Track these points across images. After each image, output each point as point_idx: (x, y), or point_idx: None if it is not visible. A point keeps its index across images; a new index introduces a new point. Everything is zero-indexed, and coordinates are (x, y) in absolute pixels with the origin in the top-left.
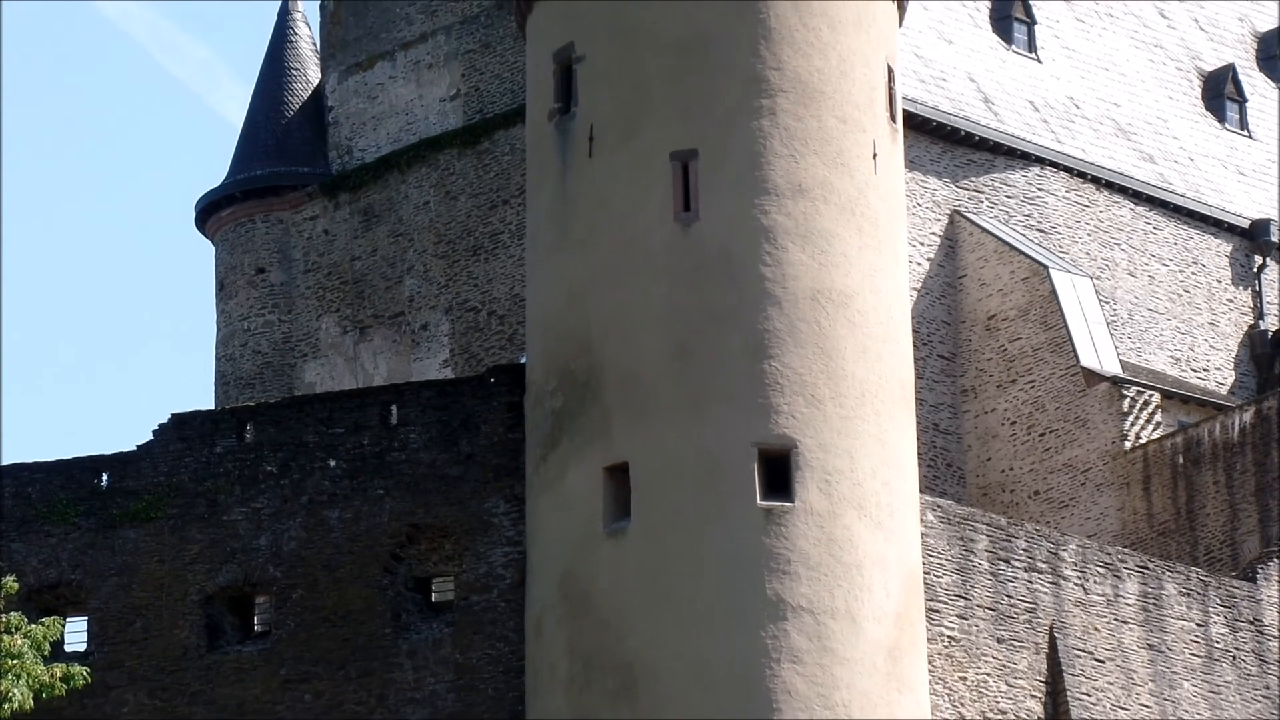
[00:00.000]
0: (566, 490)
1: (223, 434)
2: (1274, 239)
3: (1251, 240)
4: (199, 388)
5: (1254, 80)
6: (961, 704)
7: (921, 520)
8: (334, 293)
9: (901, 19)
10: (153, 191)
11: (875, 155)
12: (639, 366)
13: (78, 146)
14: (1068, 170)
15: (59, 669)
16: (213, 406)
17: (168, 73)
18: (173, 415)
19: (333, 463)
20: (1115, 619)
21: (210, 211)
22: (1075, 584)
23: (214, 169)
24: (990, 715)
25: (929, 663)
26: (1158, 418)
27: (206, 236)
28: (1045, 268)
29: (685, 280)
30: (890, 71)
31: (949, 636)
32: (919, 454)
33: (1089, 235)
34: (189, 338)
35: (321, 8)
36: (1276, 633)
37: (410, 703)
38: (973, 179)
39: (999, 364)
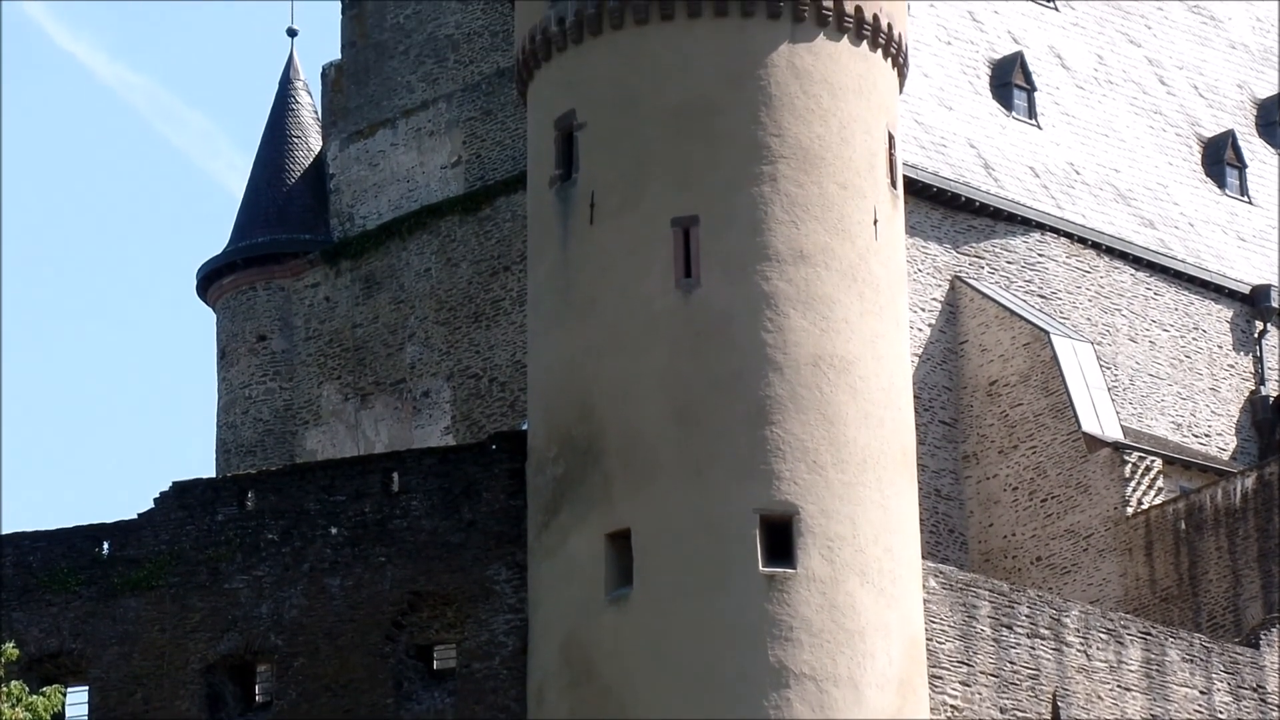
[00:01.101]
0: (568, 557)
1: (224, 502)
2: (1274, 305)
3: (1252, 306)
4: (200, 455)
5: (1254, 146)
6: None
7: (924, 586)
8: (335, 360)
9: (902, 86)
10: (154, 260)
11: (876, 221)
12: (641, 433)
13: (78, 215)
14: (1068, 236)
15: None
16: (214, 474)
17: (168, 142)
18: (174, 483)
19: (334, 530)
20: (1118, 686)
21: (212, 279)
22: (1078, 650)
23: (214, 237)
24: None
25: None
26: (1160, 483)
27: (208, 304)
28: (1046, 333)
29: (687, 346)
30: (891, 138)
31: (952, 705)
32: (921, 520)
33: (1090, 301)
34: (190, 405)
35: (323, 76)
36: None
37: None
38: (973, 245)
39: (1001, 430)
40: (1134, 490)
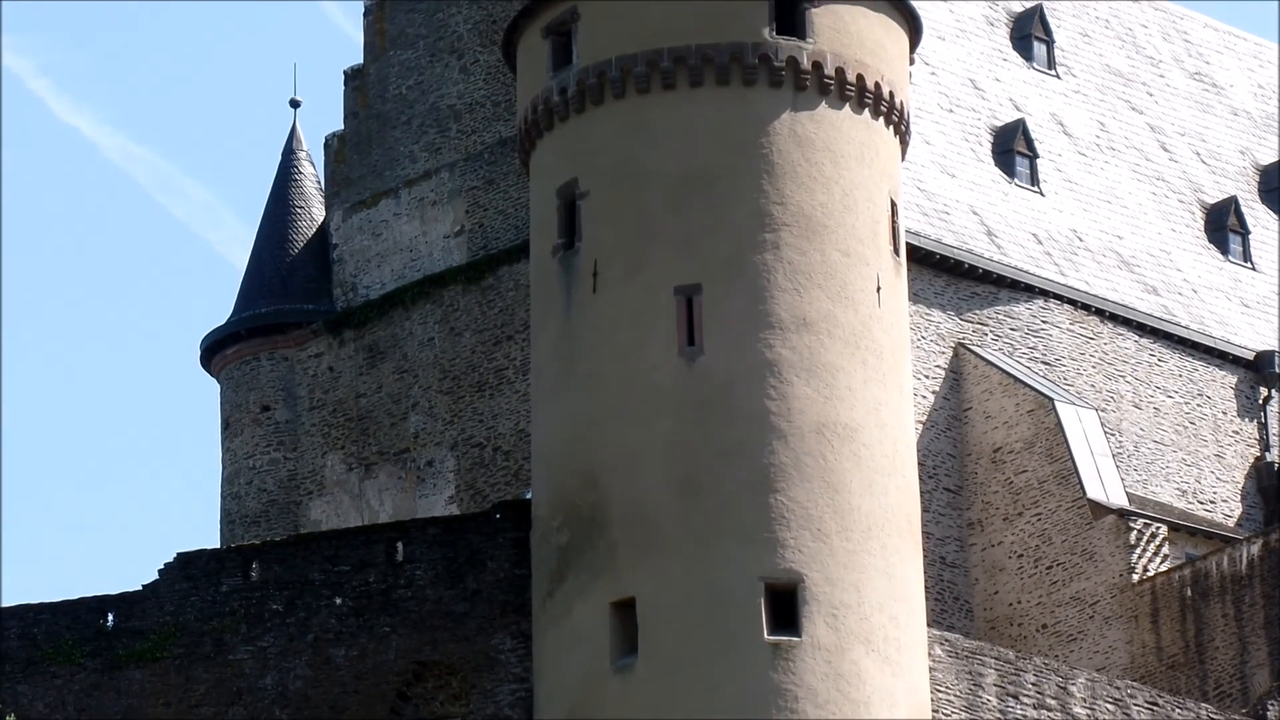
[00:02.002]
0: (573, 626)
1: (228, 572)
2: (1278, 371)
3: (1256, 372)
4: (205, 526)
5: (1256, 213)
6: None
7: (929, 654)
8: (339, 430)
9: (904, 153)
10: (156, 331)
11: (879, 289)
12: (645, 501)
13: (80, 288)
14: (1072, 303)
15: None
16: (218, 545)
17: (169, 214)
18: (178, 554)
19: (339, 600)
20: None
21: (216, 349)
22: (1085, 719)
23: (216, 308)
24: None
25: None
26: (1165, 550)
27: (212, 374)
28: (1051, 400)
29: (690, 415)
30: (893, 205)
31: None
32: (926, 587)
33: (1094, 367)
34: (194, 476)
35: (326, 146)
36: None
37: None
38: (977, 312)
39: (1005, 497)
40: (1139, 557)
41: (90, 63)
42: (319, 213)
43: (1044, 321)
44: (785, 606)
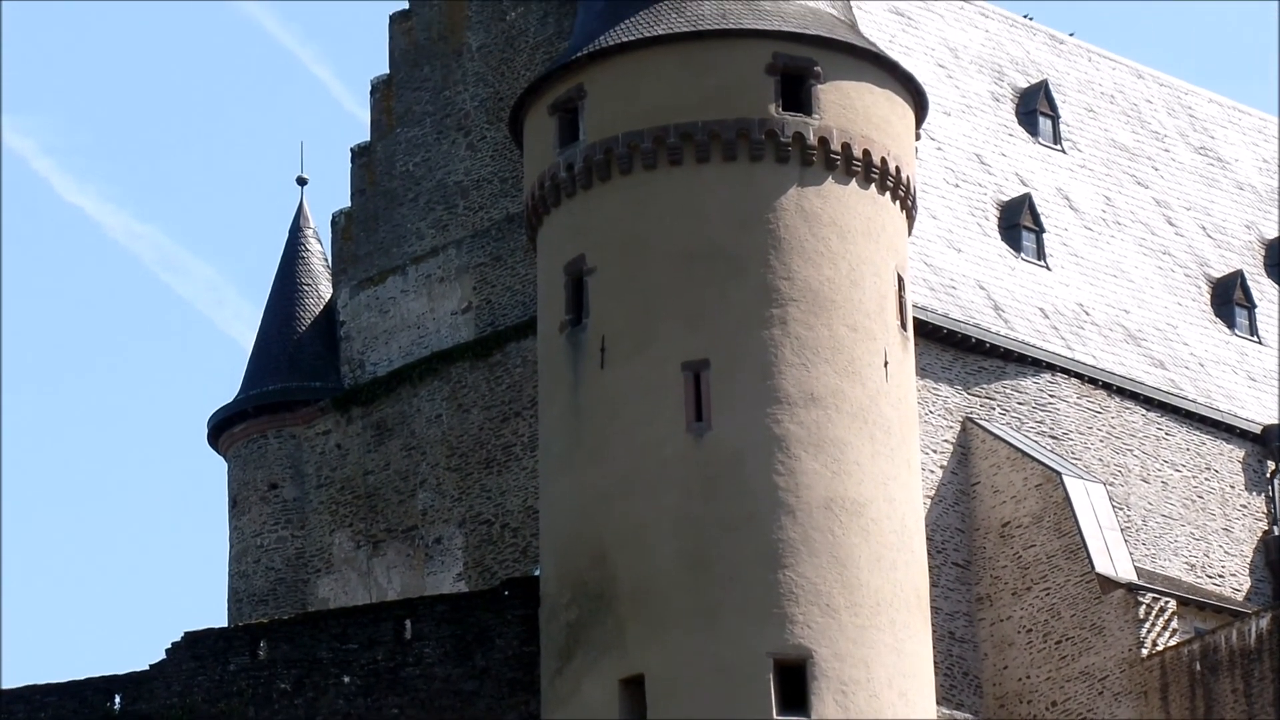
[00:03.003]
0: (582, 704)
1: (236, 652)
2: None
3: (1264, 446)
4: (212, 605)
5: (1262, 286)
6: None
7: None
8: (347, 507)
9: (911, 228)
10: (162, 409)
11: (886, 363)
12: (653, 577)
13: (84, 366)
14: (1079, 377)
15: None
16: (226, 624)
17: (173, 292)
18: (186, 633)
19: (347, 679)
20: None
21: (223, 427)
22: None
23: (220, 385)
24: None
25: None
26: (1174, 624)
27: (219, 453)
28: (1058, 474)
29: (698, 490)
30: (900, 280)
31: None
32: (935, 663)
33: (1101, 441)
34: (201, 554)
35: (333, 223)
36: None
37: None
38: (984, 386)
39: (1014, 571)
40: (1148, 631)
41: (94, 142)
42: (326, 290)
43: (1051, 395)
44: (794, 682)
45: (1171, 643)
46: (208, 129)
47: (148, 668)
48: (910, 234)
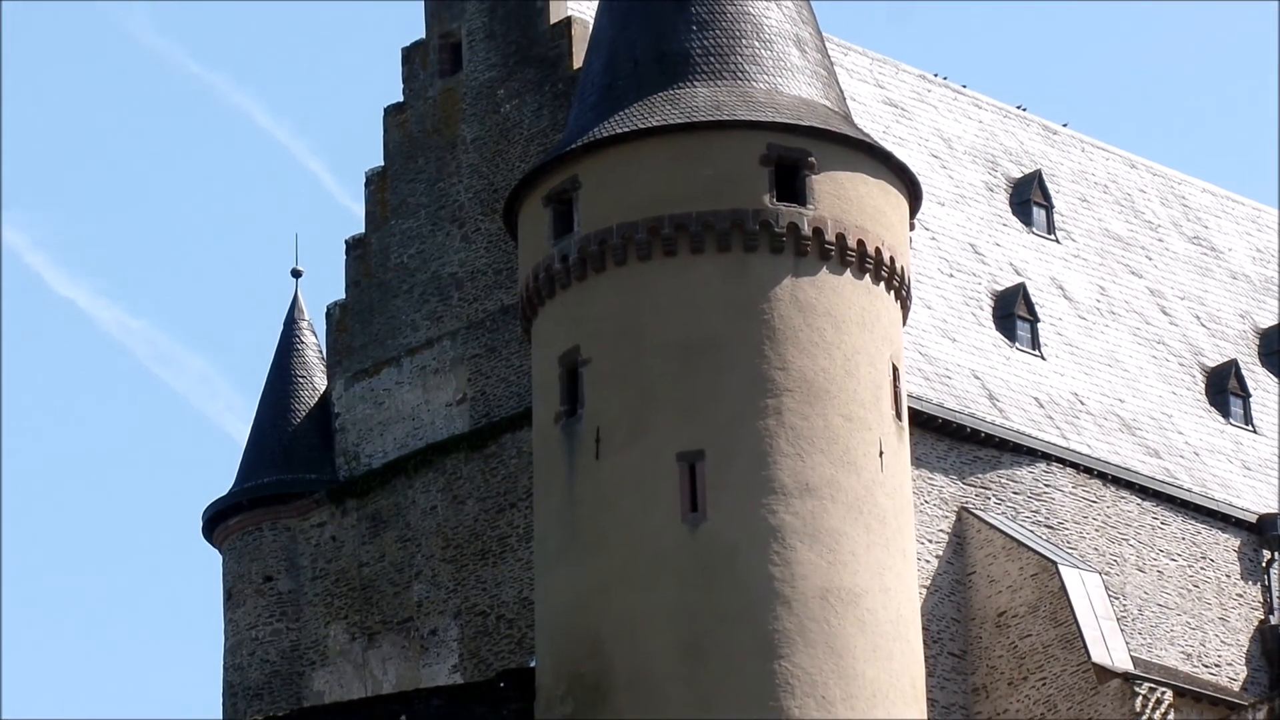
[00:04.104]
0: None
1: None
2: None
3: (1259, 535)
4: (207, 699)
5: (1257, 375)
6: None
7: None
8: (342, 599)
9: (905, 318)
10: (155, 503)
11: (882, 453)
12: (649, 668)
13: (77, 460)
14: (1074, 466)
15: None
16: (221, 718)
17: (166, 386)
18: None
19: None
20: None
21: (218, 520)
22: None
23: (213, 478)
24: None
25: None
26: (1171, 715)
27: (214, 545)
28: (1054, 564)
29: (694, 581)
30: (895, 370)
31: None
32: None
33: (1097, 531)
34: (196, 648)
35: (328, 315)
36: None
37: None
38: (980, 475)
39: (1010, 661)
40: None
41: (86, 235)
42: (321, 382)
43: (1047, 485)
44: None
45: None
46: (201, 222)
47: None
48: (905, 324)
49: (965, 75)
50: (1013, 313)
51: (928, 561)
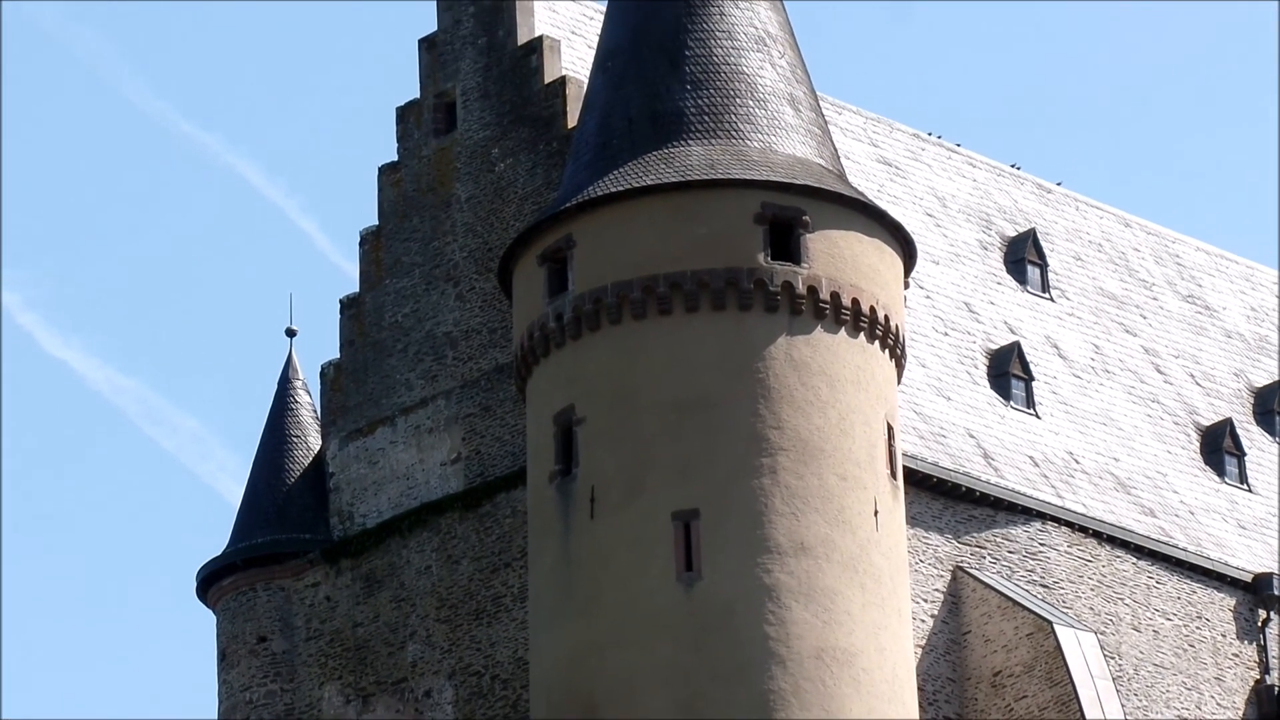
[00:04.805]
0: None
1: None
2: (1277, 593)
3: (1255, 595)
4: None
5: (1252, 434)
6: None
7: None
8: (336, 660)
9: (900, 377)
10: (148, 564)
11: (877, 512)
12: None
13: (69, 523)
14: (1069, 525)
15: None
16: None
17: (158, 446)
18: None
19: None
20: None
21: (212, 581)
22: None
23: (205, 539)
24: None
25: None
26: None
27: (208, 606)
28: (1050, 623)
29: (689, 640)
30: (890, 428)
31: None
32: None
33: (1092, 590)
34: (191, 710)
35: (322, 375)
36: None
37: None
38: (975, 535)
39: None
40: None
41: (78, 295)
42: (315, 441)
43: (1042, 544)
44: None
45: None
46: (195, 282)
47: None
48: (900, 382)
49: (959, 134)
50: (1007, 371)
51: (923, 621)
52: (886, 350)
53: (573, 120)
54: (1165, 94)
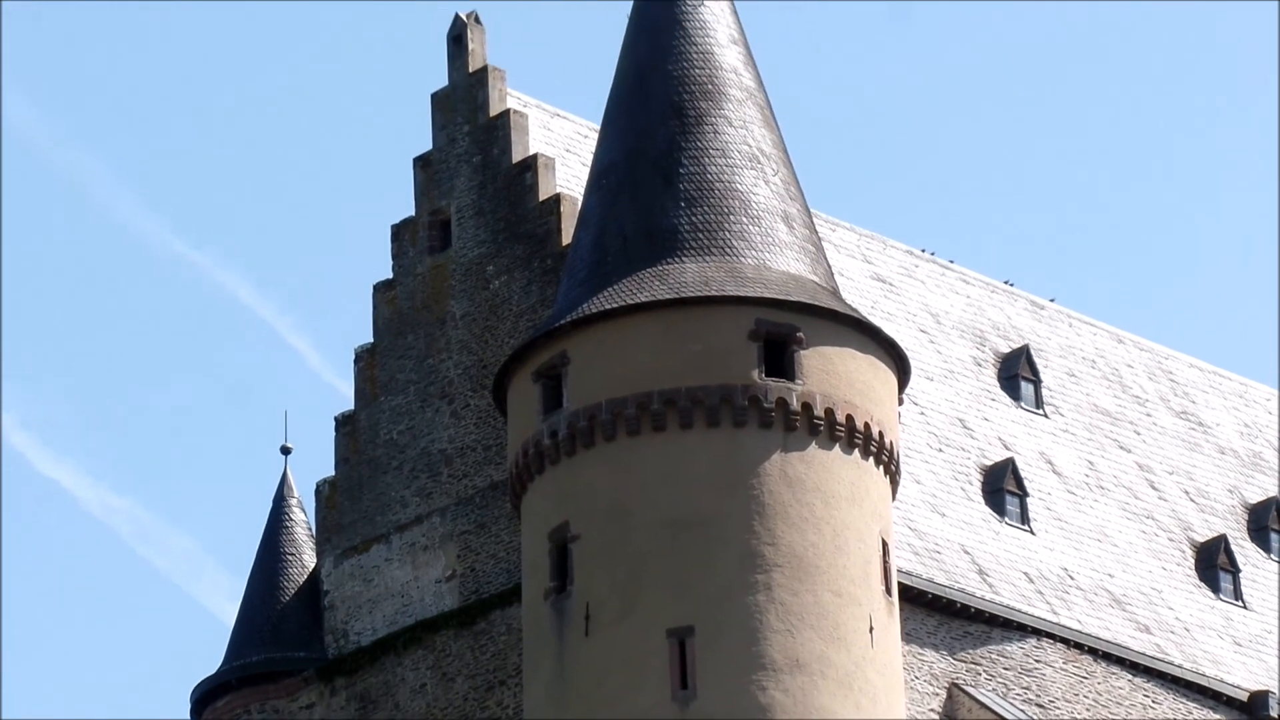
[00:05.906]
0: None
1: None
2: (1273, 711)
3: (1251, 713)
4: None
5: (1246, 551)
6: None
7: None
8: None
9: (895, 493)
10: (137, 685)
11: (872, 629)
12: None
13: (60, 643)
14: (1065, 641)
15: None
16: None
17: (151, 565)
18: None
19: None
20: None
21: (206, 701)
22: None
23: (198, 659)
24: None
25: None
26: None
27: None
28: None
29: None
30: (885, 545)
31: None
32: None
33: (1088, 708)
34: None
35: (317, 492)
36: None
37: None
38: (970, 651)
39: None
40: None
41: (71, 414)
42: (310, 559)
43: (1037, 661)
44: None
45: None
46: (188, 400)
47: None
48: (894, 499)
49: (952, 250)
50: (1002, 487)
51: None
52: (881, 466)
53: (567, 237)
54: (1157, 212)
